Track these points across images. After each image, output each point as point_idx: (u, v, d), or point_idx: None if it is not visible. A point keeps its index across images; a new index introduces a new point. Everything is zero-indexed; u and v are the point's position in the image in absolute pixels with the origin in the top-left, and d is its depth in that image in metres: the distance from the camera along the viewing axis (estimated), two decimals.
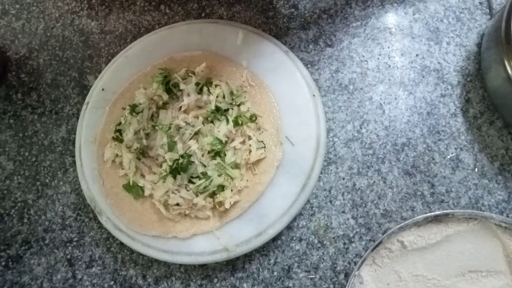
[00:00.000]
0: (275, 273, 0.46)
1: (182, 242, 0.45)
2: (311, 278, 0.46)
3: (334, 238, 0.47)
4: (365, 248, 0.46)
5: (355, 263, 0.46)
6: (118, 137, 0.48)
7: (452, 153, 0.48)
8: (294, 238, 0.47)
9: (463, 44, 0.52)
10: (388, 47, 0.52)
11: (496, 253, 0.42)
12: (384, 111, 0.50)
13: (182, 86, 0.48)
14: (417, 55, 0.52)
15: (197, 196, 0.44)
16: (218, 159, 0.45)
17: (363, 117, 0.50)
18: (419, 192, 0.47)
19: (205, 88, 0.48)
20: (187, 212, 0.45)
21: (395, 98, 0.50)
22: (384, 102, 0.50)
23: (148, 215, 0.46)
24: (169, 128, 0.46)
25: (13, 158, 0.54)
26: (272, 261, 0.47)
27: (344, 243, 0.46)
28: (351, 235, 0.47)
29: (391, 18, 0.54)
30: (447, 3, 0.53)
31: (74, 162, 0.52)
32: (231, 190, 0.45)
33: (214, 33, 0.52)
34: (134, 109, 0.49)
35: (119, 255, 0.49)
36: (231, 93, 0.48)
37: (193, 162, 0.45)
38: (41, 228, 0.51)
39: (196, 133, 0.46)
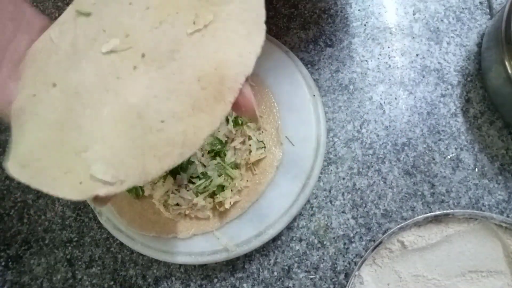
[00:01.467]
0: (275, 273, 0.46)
1: (182, 242, 0.45)
2: (311, 278, 0.46)
3: (334, 238, 0.47)
4: (365, 248, 0.46)
5: (355, 263, 0.46)
6: None
7: (452, 153, 0.48)
8: (294, 238, 0.47)
9: (463, 44, 0.51)
10: (388, 47, 0.52)
11: (497, 253, 0.42)
12: (384, 111, 0.50)
13: None
14: (417, 55, 0.52)
15: (197, 196, 0.44)
16: (218, 159, 0.45)
17: (363, 117, 0.50)
18: (419, 192, 0.47)
19: None
20: (187, 212, 0.45)
21: (395, 98, 0.50)
22: (384, 102, 0.50)
23: (148, 215, 0.46)
24: None
25: None
26: (272, 261, 0.47)
27: (344, 243, 0.46)
28: (351, 235, 0.47)
29: (391, 18, 0.53)
30: (447, 3, 0.53)
31: None
32: (231, 190, 0.45)
33: None
34: None
35: (119, 255, 0.49)
36: None
37: (193, 162, 0.45)
38: (41, 228, 0.51)
39: None
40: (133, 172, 0.25)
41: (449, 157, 0.48)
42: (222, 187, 0.45)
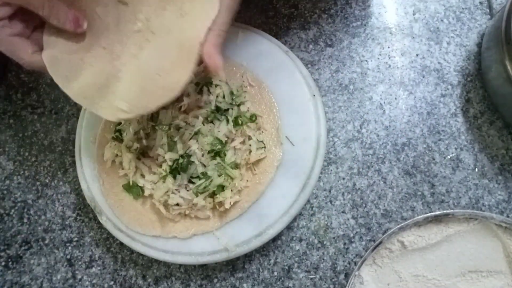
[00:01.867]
0: (275, 273, 0.46)
1: (182, 242, 0.45)
2: (311, 278, 0.46)
3: (334, 238, 0.47)
4: (365, 248, 0.46)
5: (355, 263, 0.46)
6: (118, 137, 0.48)
7: (452, 153, 0.48)
8: (294, 238, 0.47)
9: (463, 44, 0.52)
10: (388, 47, 0.52)
11: (496, 253, 0.42)
12: (384, 111, 0.50)
13: None
14: (417, 55, 0.52)
15: (197, 196, 0.44)
16: (218, 159, 0.45)
17: (363, 117, 0.50)
18: (419, 192, 0.47)
19: (205, 88, 0.48)
20: (187, 212, 0.45)
21: (395, 98, 0.50)
22: (384, 102, 0.50)
23: (148, 215, 0.46)
24: (169, 128, 0.46)
25: (13, 158, 0.54)
26: (272, 261, 0.47)
27: (344, 243, 0.46)
28: (351, 235, 0.47)
29: (391, 18, 0.53)
30: (447, 3, 0.53)
31: (74, 162, 0.52)
32: (231, 190, 0.45)
33: None
34: None
35: (119, 255, 0.49)
36: (231, 93, 0.48)
37: (193, 162, 0.45)
38: (41, 228, 0.51)
39: (196, 133, 0.46)
40: (141, 106, 0.39)
41: (449, 157, 0.48)
42: (222, 187, 0.44)
